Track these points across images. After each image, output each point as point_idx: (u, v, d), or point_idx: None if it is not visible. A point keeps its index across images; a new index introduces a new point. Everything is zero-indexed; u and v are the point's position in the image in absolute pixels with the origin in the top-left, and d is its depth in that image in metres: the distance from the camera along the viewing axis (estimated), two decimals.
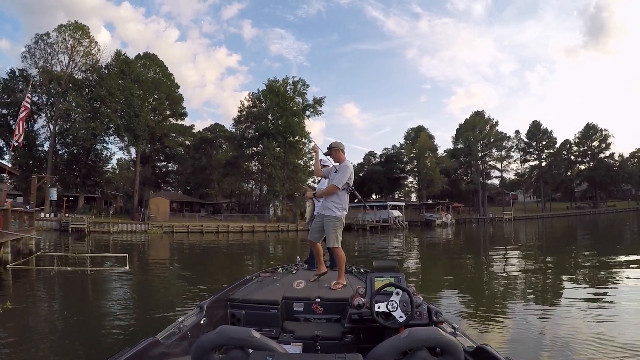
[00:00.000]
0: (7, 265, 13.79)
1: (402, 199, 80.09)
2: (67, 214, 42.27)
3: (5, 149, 50.99)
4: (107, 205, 56.42)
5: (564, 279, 11.76)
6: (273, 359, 1.34)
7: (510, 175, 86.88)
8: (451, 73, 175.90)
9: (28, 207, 27.36)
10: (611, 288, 10.12)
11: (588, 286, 10.55)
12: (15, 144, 26.34)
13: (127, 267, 14.07)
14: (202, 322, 3.00)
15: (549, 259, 17.37)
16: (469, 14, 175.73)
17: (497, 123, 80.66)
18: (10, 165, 48.67)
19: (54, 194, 39.10)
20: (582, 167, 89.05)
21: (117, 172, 72.49)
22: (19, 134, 24.95)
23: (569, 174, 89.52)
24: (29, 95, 24.14)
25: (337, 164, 4.85)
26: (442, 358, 1.52)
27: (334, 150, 4.87)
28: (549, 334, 6.27)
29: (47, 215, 42.47)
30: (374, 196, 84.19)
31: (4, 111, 47.86)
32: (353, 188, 4.77)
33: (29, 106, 25.27)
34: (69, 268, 13.16)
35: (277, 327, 3.57)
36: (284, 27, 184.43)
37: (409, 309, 2.81)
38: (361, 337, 3.22)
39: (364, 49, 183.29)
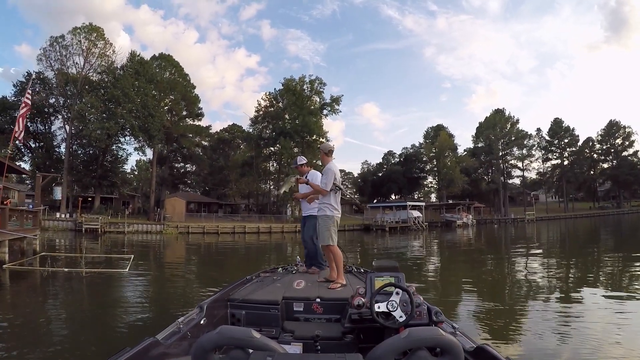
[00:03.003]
0: (4, 266, 13.19)
1: (422, 199, 76.60)
2: (82, 214, 40.72)
3: (23, 150, 50.02)
4: (125, 205, 54.75)
5: (587, 285, 10.93)
6: (273, 359, 1.32)
7: (532, 175, 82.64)
8: (469, 71, 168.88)
9: (31, 206, 25.65)
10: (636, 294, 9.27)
11: (610, 291, 9.71)
12: (16, 141, 24.63)
13: (127, 270, 13.02)
14: (202, 322, 2.93)
15: (572, 262, 16.42)
16: (484, 10, 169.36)
17: (518, 121, 76.32)
18: (28, 167, 47.89)
19: (58, 193, 37.52)
20: (605, 165, 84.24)
21: (136, 173, 71.27)
22: (19, 130, 23.16)
23: (592, 173, 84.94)
24: (30, 92, 22.26)
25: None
26: (442, 358, 1.46)
27: (319, 152, 5.09)
28: (567, 339, 5.95)
29: (63, 216, 41.42)
30: (393, 196, 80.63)
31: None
32: (340, 187, 4.80)
33: (29, 102, 23.28)
34: (66, 269, 12.66)
35: (277, 327, 3.47)
36: (299, 28, 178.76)
37: (409, 309, 2.74)
38: (361, 337, 3.13)
39: (380, 48, 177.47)
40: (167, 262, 19.30)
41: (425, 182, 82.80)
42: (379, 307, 2.75)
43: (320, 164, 5.07)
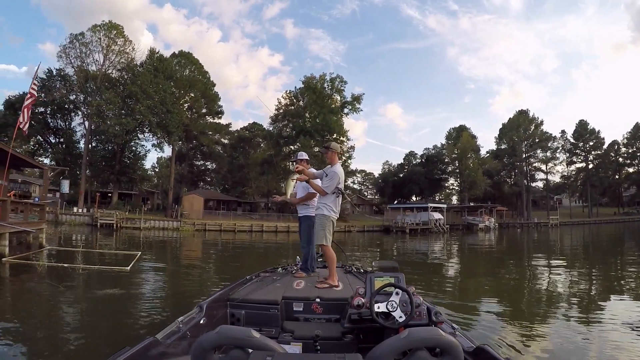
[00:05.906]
0: (3, 259, 12.49)
1: (443, 201, 72.71)
2: (98, 209, 39.24)
3: (45, 146, 48.91)
4: (144, 202, 53.04)
5: (609, 295, 9.62)
6: (272, 359, 1.30)
7: (556, 178, 77.54)
8: (493, 72, 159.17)
9: (37, 199, 24.22)
10: None
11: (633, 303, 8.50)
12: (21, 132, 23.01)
13: (129, 268, 11.64)
14: (201, 321, 2.85)
15: (595, 271, 14.64)
16: (507, 9, 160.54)
17: (542, 122, 71.20)
18: (49, 162, 46.59)
19: (65, 187, 35.85)
20: (631, 170, 78.12)
21: (156, 170, 69.89)
22: (23, 121, 21.47)
23: (617, 177, 79.06)
24: (36, 82, 20.36)
25: (329, 165, 4.69)
26: (441, 358, 1.44)
27: (331, 152, 4.71)
28: (574, 347, 5.35)
29: (80, 210, 39.96)
30: (414, 197, 76.63)
31: (41, 109, 45.18)
32: (342, 191, 4.63)
33: (35, 93, 21.59)
34: (65, 265, 11.89)
35: (277, 327, 3.35)
36: (319, 28, 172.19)
37: (408, 309, 2.67)
38: (361, 337, 3.04)
39: (402, 48, 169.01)
40: (176, 261, 17.34)
41: (446, 184, 78.75)
42: (378, 307, 2.68)
43: (327, 162, 4.72)
